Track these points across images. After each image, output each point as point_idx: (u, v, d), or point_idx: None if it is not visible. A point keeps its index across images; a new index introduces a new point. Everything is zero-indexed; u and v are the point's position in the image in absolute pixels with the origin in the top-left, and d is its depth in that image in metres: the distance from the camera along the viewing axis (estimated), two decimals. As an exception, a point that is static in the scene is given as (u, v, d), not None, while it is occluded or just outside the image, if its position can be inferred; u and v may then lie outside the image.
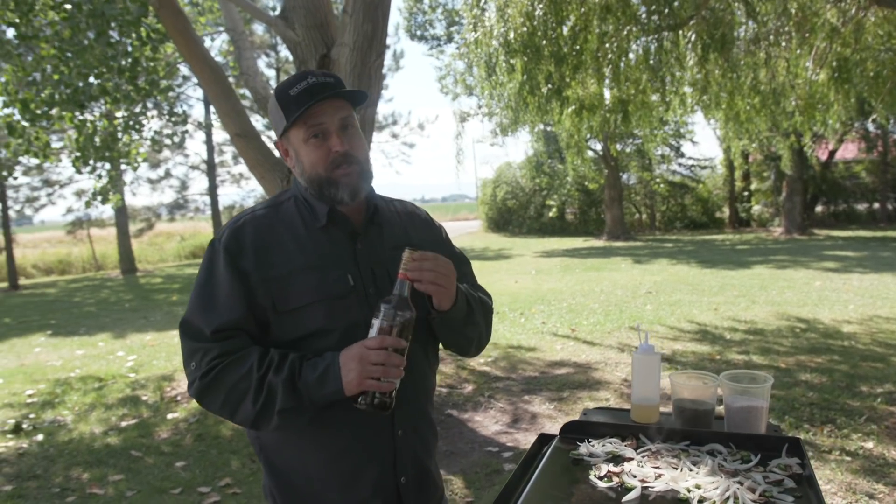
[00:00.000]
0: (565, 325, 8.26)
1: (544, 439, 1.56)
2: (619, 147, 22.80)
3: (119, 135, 6.34)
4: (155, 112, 7.31)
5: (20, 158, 12.56)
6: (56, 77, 5.28)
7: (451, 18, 23.41)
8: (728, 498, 1.19)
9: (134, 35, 5.52)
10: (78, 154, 5.96)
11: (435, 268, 1.39)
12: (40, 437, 5.00)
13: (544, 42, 6.26)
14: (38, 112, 5.36)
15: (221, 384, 1.37)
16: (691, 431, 1.48)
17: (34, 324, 11.07)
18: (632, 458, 1.40)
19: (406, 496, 1.51)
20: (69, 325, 10.71)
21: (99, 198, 7.17)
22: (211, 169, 21.88)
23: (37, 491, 3.99)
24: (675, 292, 10.32)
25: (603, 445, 1.48)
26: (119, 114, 6.49)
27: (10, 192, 17.97)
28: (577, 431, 1.55)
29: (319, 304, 1.42)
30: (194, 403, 5.63)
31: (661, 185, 25.99)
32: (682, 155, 26.53)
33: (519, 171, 28.81)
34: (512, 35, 6.27)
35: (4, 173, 13.21)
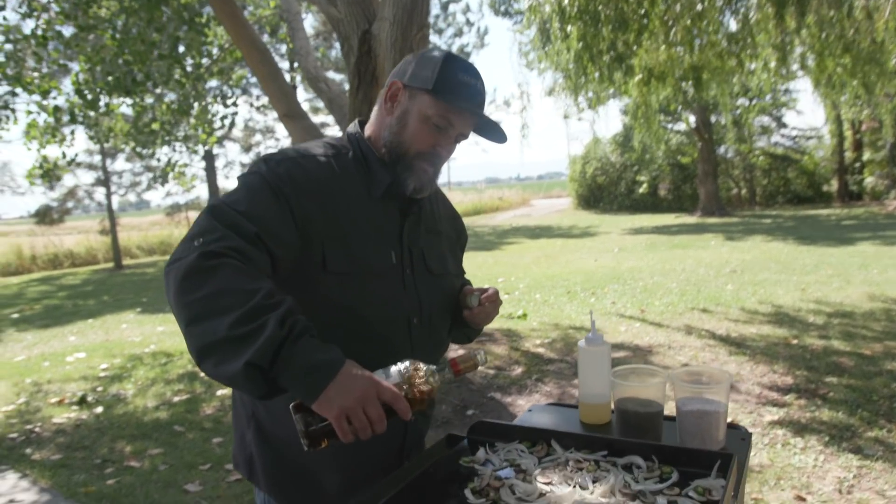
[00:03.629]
0: (636, 306, 7.86)
1: (452, 440, 1.37)
2: (713, 118, 21.58)
3: (170, 118, 6.54)
4: (210, 97, 7.50)
5: (123, 146, 13.36)
6: (103, 63, 5.47)
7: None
8: (608, 526, 0.98)
9: (175, 25, 5.62)
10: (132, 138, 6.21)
11: (496, 308, 1.52)
12: (100, 409, 5.25)
13: (600, 7, 5.85)
14: (91, 98, 5.59)
15: (218, 278, 1.09)
16: (612, 440, 1.25)
17: (127, 301, 11.75)
18: (526, 470, 1.19)
19: None
20: (157, 302, 11.28)
21: (160, 180, 7.44)
22: (298, 151, 22.43)
23: (81, 461, 4.17)
24: (762, 271, 9.62)
25: (507, 451, 1.28)
26: (167, 98, 6.70)
27: (114, 178, 19.20)
28: (485, 433, 1.36)
29: (358, 276, 1.32)
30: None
31: (761, 158, 24.39)
32: (785, 126, 24.78)
33: (608, 147, 27.95)
34: (567, 0, 5.91)
35: (108, 160, 14.03)
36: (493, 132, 1.46)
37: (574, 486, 1.10)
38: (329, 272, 1.29)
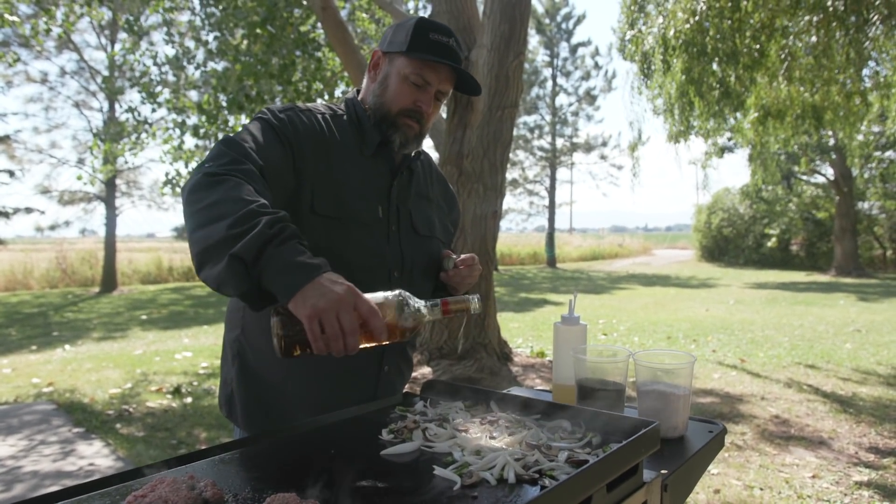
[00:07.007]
0: (737, 356, 7.40)
1: (408, 397, 1.40)
2: (855, 172, 20.07)
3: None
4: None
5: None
6: (219, 83, 6.00)
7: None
8: (493, 466, 0.96)
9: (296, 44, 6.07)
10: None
11: (473, 274, 1.55)
12: (189, 399, 5.61)
13: (707, 38, 5.69)
14: (214, 114, 6.14)
15: (220, 190, 1.14)
16: (548, 403, 1.22)
17: (242, 312, 12.49)
18: (454, 420, 1.19)
19: None
20: (268, 315, 11.90)
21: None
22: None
23: (160, 440, 4.47)
24: (892, 332, 8.76)
25: (446, 407, 1.28)
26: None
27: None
28: (435, 391, 1.37)
29: (344, 223, 1.41)
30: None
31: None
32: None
33: (737, 197, 26.69)
34: (672, 32, 5.79)
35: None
36: (472, 86, 1.54)
37: (483, 435, 1.09)
38: (317, 214, 1.37)
